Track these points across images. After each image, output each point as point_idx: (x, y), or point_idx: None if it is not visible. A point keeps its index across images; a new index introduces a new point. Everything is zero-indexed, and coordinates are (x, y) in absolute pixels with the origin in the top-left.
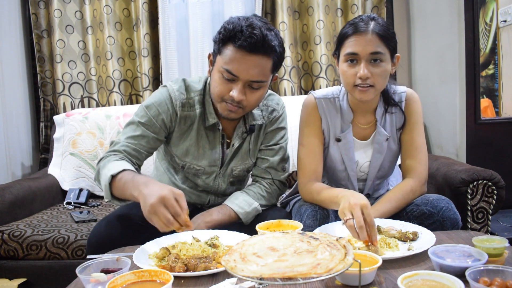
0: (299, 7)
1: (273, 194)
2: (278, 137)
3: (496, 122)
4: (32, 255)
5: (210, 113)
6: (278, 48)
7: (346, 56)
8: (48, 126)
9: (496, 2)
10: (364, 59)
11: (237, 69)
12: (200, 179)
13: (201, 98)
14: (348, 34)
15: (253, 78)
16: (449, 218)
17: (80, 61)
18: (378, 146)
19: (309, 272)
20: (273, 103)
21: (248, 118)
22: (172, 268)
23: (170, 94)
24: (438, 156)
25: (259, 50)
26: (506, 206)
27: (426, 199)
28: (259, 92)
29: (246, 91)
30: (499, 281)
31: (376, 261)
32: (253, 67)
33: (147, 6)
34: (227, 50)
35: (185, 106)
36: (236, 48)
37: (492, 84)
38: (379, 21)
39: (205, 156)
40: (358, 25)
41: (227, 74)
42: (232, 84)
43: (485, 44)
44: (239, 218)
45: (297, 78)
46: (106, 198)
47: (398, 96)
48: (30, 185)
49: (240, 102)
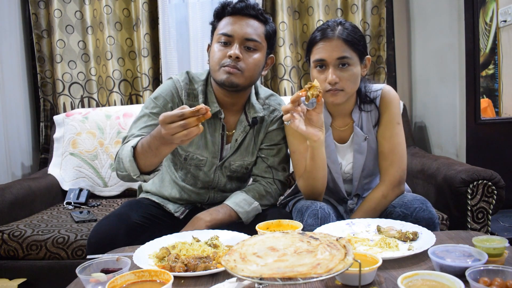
0: (299, 7)
1: (273, 193)
2: (279, 137)
3: (496, 122)
4: (32, 255)
5: (212, 102)
6: (267, 18)
7: (315, 62)
8: (48, 126)
9: (496, 2)
10: (332, 64)
11: (231, 29)
12: (202, 171)
13: (204, 88)
14: (315, 41)
15: (247, 36)
16: (423, 218)
17: (80, 61)
18: (357, 146)
19: (309, 272)
20: (275, 103)
21: (250, 111)
22: (172, 268)
23: (176, 84)
24: (438, 156)
25: (249, 12)
26: (506, 206)
27: (402, 200)
28: (256, 55)
29: (242, 52)
30: (499, 281)
31: (376, 261)
32: (246, 26)
33: (147, 6)
34: (222, 22)
35: (190, 96)
36: (229, 15)
37: (492, 84)
38: (346, 25)
39: (207, 146)
40: (325, 32)
41: (223, 37)
42: (229, 47)
43: (485, 44)
44: (239, 217)
45: (297, 78)
46: (134, 175)
47: (374, 94)
48: (30, 185)
49: (238, 61)
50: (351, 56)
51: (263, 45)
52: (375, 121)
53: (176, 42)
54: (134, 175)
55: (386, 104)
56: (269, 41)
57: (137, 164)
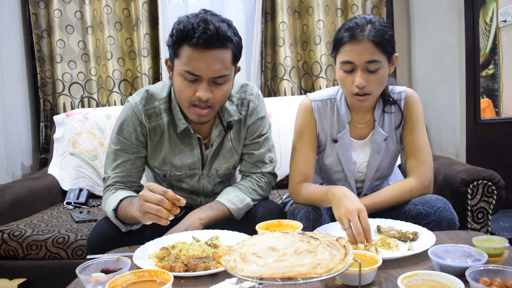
0: (299, 7)
1: (265, 187)
2: (260, 128)
3: (496, 122)
4: (32, 255)
5: (179, 119)
6: (234, 38)
7: (341, 64)
8: (48, 126)
9: (496, 2)
10: (360, 67)
11: (197, 68)
12: (185, 183)
13: (167, 106)
14: (343, 42)
15: (215, 74)
16: (445, 218)
17: (80, 61)
18: (376, 146)
19: (309, 272)
20: (247, 94)
21: (224, 116)
22: (172, 268)
23: (134, 110)
24: (438, 156)
25: (215, 44)
26: (506, 206)
27: (424, 199)
28: (225, 86)
29: (212, 89)
30: (499, 281)
31: (376, 261)
32: (214, 63)
33: (147, 6)
34: (183, 51)
35: (151, 116)
36: (192, 47)
37: (492, 84)
38: (375, 24)
39: (183, 161)
40: (354, 32)
41: (189, 75)
42: (196, 84)
43: (485, 44)
44: (232, 214)
45: (297, 78)
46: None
47: (397, 96)
48: (30, 185)
49: (208, 101)
50: (380, 59)
51: (231, 72)
52: (398, 123)
53: None
54: (122, 229)
55: (411, 107)
56: (236, 61)
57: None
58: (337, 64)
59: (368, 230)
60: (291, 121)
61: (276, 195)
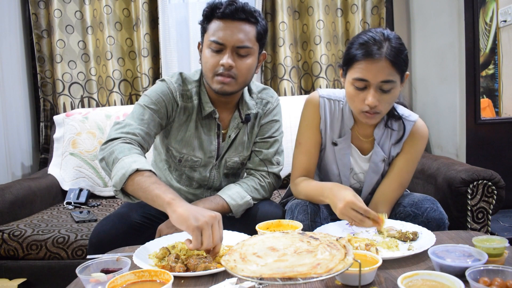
0: (299, 7)
1: (267, 187)
2: (273, 130)
3: (496, 122)
4: (32, 255)
5: (206, 102)
6: (259, 18)
7: (354, 80)
8: (48, 126)
9: (496, 2)
10: (373, 86)
11: (222, 36)
12: (197, 172)
13: (198, 89)
14: (358, 58)
15: (239, 43)
16: (433, 219)
17: (80, 61)
18: (374, 165)
19: (309, 272)
20: (268, 96)
21: (243, 108)
22: (172, 268)
23: (169, 86)
24: (438, 156)
25: (240, 15)
26: (506, 206)
27: (412, 200)
28: (248, 60)
29: (235, 59)
30: (499, 281)
31: (376, 261)
32: (237, 32)
33: (147, 6)
34: (212, 25)
35: (184, 97)
36: (219, 19)
37: (492, 84)
38: (393, 42)
39: (202, 147)
40: (371, 50)
41: (214, 44)
42: (221, 55)
43: (485, 44)
44: (231, 210)
45: (297, 78)
46: (113, 187)
47: (406, 122)
48: (30, 185)
49: (230, 69)
50: (395, 79)
51: (255, 48)
52: (395, 141)
53: (176, 42)
54: (114, 188)
55: (416, 142)
56: (260, 41)
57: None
58: (349, 79)
59: (368, 212)
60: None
61: (276, 195)
